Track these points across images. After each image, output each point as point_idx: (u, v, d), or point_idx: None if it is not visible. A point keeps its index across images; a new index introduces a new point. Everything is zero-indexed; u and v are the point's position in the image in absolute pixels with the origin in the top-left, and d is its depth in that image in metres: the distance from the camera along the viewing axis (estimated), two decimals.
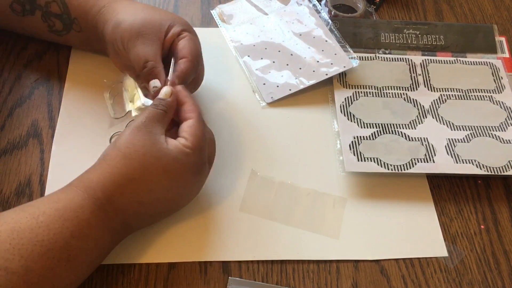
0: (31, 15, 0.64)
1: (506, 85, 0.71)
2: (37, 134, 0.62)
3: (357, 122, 0.65)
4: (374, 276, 0.55)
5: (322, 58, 0.71)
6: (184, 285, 0.53)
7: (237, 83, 0.70)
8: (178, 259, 0.54)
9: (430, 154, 0.63)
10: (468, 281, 0.56)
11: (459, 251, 0.58)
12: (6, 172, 0.59)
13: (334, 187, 0.61)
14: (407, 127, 0.66)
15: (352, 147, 0.63)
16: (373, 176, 0.62)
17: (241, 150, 0.63)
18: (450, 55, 0.75)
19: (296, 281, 0.54)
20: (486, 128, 0.66)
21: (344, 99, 0.68)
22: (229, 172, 0.61)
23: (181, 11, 0.77)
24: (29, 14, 0.64)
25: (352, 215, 0.59)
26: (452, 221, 0.60)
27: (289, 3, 0.78)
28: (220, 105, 0.67)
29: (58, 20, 0.63)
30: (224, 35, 0.75)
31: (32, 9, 0.63)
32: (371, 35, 0.75)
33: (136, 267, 0.54)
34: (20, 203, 0.57)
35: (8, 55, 0.69)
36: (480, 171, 0.62)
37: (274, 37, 0.74)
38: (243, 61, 0.72)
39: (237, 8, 0.78)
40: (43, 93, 0.66)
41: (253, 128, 0.66)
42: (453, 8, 0.83)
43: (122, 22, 0.59)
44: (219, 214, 0.58)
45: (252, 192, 0.60)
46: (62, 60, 0.69)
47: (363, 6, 0.78)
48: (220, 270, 0.54)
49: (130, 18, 0.59)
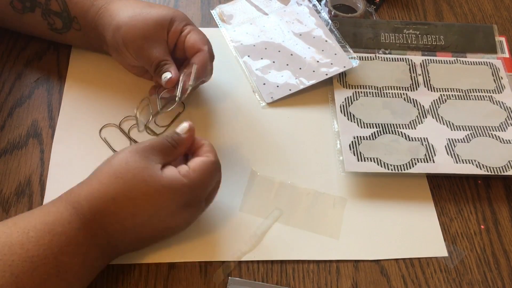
0: (31, 12, 0.64)
1: (506, 85, 0.71)
2: (37, 134, 0.62)
3: (357, 122, 0.65)
4: (374, 276, 0.55)
5: (322, 58, 0.71)
6: (184, 285, 0.53)
7: (237, 83, 0.70)
8: (178, 259, 0.54)
9: (430, 154, 0.63)
10: (468, 281, 0.56)
11: (459, 251, 0.58)
12: (6, 172, 0.59)
13: (334, 187, 0.61)
14: (407, 127, 0.66)
15: (352, 147, 0.63)
16: (373, 176, 0.62)
17: (241, 150, 0.63)
18: (450, 55, 0.75)
19: (296, 281, 0.54)
20: (486, 128, 0.66)
21: (344, 99, 0.68)
22: (229, 172, 0.61)
23: (181, 11, 0.77)
24: (29, 11, 0.64)
25: (352, 215, 0.59)
26: (452, 221, 0.60)
27: (289, 3, 0.78)
28: (220, 105, 0.67)
29: (58, 18, 0.63)
30: (224, 35, 0.75)
31: (32, 6, 0.63)
32: (371, 35, 0.75)
33: (136, 267, 0.54)
34: (20, 203, 0.57)
35: (8, 55, 0.69)
36: (480, 171, 0.62)
37: (274, 37, 0.74)
38: (243, 61, 0.72)
39: (237, 8, 0.78)
40: (43, 93, 0.66)
41: (253, 128, 0.66)
42: (453, 8, 0.83)
43: (122, 26, 0.59)
44: (219, 214, 0.58)
45: (252, 192, 0.60)
46: (62, 60, 0.69)
47: (363, 6, 0.78)
48: (220, 270, 0.54)
49: (129, 21, 0.59)
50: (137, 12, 0.60)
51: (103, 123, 0.63)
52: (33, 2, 0.63)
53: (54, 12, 0.63)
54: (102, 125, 0.63)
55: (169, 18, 0.60)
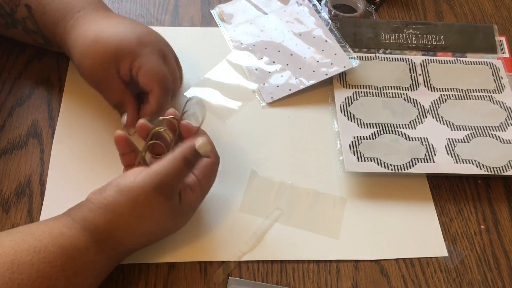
0: (13, 28, 0.64)
1: (506, 85, 0.71)
2: (37, 134, 0.62)
3: (357, 122, 0.65)
4: (374, 276, 0.55)
5: (322, 58, 0.71)
6: (184, 285, 0.53)
7: (237, 83, 0.70)
8: (178, 259, 0.54)
9: (430, 154, 0.63)
10: (468, 281, 0.56)
11: (459, 251, 0.58)
12: (6, 172, 0.59)
13: (334, 187, 0.61)
14: (407, 127, 0.66)
15: (352, 147, 0.63)
16: (373, 176, 0.62)
17: (241, 150, 0.63)
18: (450, 55, 0.75)
19: (296, 281, 0.54)
20: (486, 128, 0.66)
21: (344, 99, 0.68)
22: (229, 172, 0.61)
23: (181, 11, 0.77)
24: (12, 27, 0.64)
25: (352, 215, 0.59)
26: (452, 221, 0.60)
27: (289, 3, 0.78)
28: (220, 105, 0.67)
29: (38, 36, 0.63)
30: (224, 35, 0.75)
31: (13, 23, 0.63)
32: (371, 35, 0.75)
33: (136, 267, 0.54)
34: (20, 203, 0.57)
35: (8, 55, 0.69)
36: (480, 171, 0.62)
37: (274, 37, 0.74)
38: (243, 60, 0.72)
39: (237, 8, 0.78)
40: (43, 93, 0.66)
41: (253, 128, 0.66)
42: (453, 8, 0.83)
43: (76, 63, 0.59)
44: (219, 214, 0.58)
45: (252, 192, 0.60)
46: (62, 60, 0.69)
47: (363, 6, 0.78)
48: (220, 270, 0.54)
49: (80, 62, 0.58)
50: (84, 49, 0.57)
51: (102, 123, 0.63)
52: (12, 18, 0.62)
53: (31, 30, 0.63)
54: (102, 125, 0.63)
55: (114, 56, 0.56)
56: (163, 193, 0.47)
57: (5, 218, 0.55)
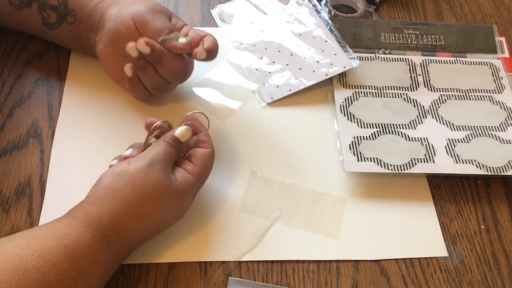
0: (28, 7, 0.64)
1: (506, 85, 0.71)
2: (37, 134, 0.62)
3: (357, 122, 0.65)
4: (374, 276, 0.55)
5: (322, 58, 0.71)
6: (184, 285, 0.53)
7: (237, 83, 0.70)
8: (178, 259, 0.54)
9: (430, 154, 0.63)
10: (468, 281, 0.56)
11: (459, 251, 0.58)
12: (6, 172, 0.59)
13: (334, 187, 0.61)
14: (407, 127, 0.66)
15: (352, 147, 0.63)
16: (373, 176, 0.62)
17: (241, 150, 0.63)
18: (450, 55, 0.75)
19: (296, 281, 0.54)
20: (486, 128, 0.66)
21: (344, 99, 0.68)
22: (229, 172, 0.61)
23: (181, 11, 0.77)
24: (26, 6, 0.64)
25: (352, 215, 0.59)
26: (452, 221, 0.60)
27: (289, 3, 0.78)
28: (220, 105, 0.67)
29: (54, 12, 0.63)
30: (224, 35, 0.75)
31: (29, 2, 0.63)
32: (371, 35, 0.75)
33: (136, 267, 0.54)
34: (20, 203, 0.57)
35: (8, 55, 0.69)
36: (480, 171, 0.62)
37: (274, 37, 0.74)
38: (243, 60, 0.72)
39: (237, 8, 0.78)
40: (43, 93, 0.66)
41: (253, 128, 0.66)
42: (453, 8, 0.83)
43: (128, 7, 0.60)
44: (219, 214, 0.58)
45: (252, 192, 0.60)
46: (62, 60, 0.69)
47: (363, 6, 0.78)
48: (220, 270, 0.54)
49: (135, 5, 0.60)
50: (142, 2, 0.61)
51: (103, 123, 0.63)
52: None
53: (51, 6, 0.63)
54: (102, 125, 0.63)
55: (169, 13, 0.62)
56: (156, 168, 0.50)
57: (5, 218, 0.55)
